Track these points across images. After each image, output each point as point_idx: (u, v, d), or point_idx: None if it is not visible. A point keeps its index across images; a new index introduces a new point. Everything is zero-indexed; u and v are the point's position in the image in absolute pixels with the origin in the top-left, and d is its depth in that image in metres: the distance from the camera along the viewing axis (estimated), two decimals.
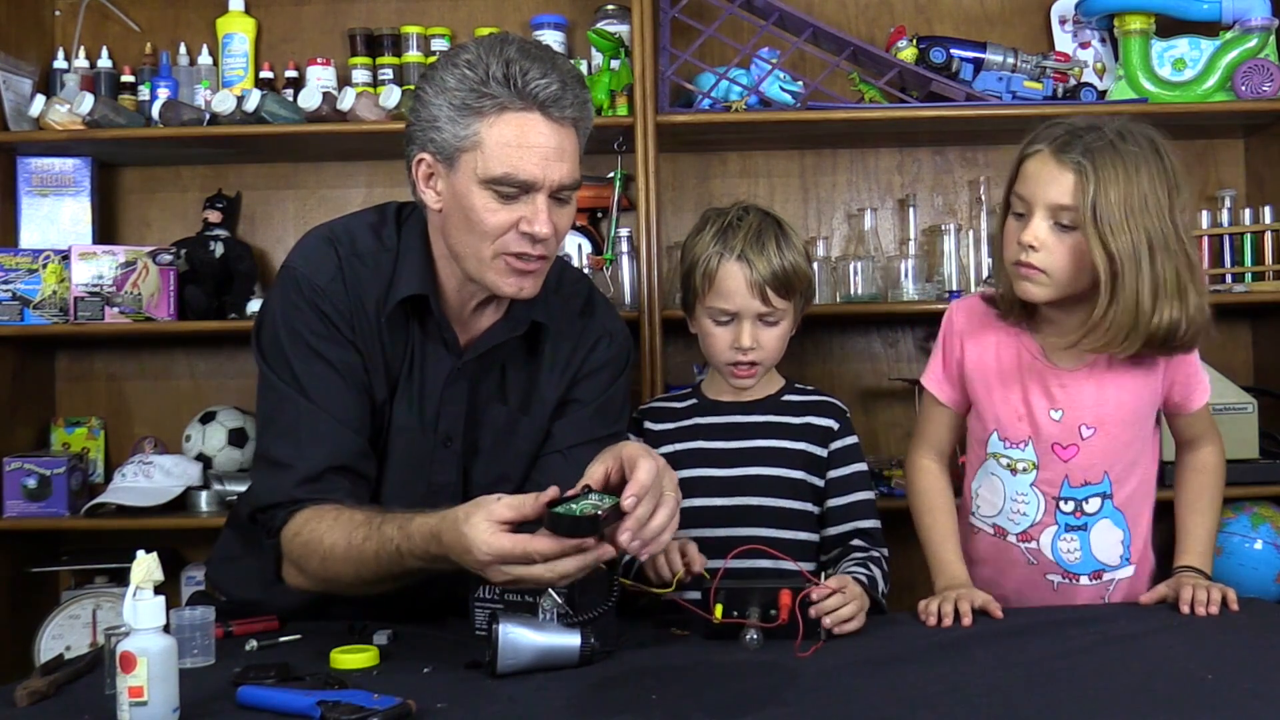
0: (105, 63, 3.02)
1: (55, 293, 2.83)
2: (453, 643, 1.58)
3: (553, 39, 2.94)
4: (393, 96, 2.82)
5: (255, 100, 2.79)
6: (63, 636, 2.81)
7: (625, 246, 2.88)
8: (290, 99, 2.88)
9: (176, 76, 3.00)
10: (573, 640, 1.47)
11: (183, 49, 3.06)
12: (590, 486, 1.47)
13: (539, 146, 1.64)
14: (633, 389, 1.98)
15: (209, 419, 2.94)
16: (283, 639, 1.65)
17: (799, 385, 2.08)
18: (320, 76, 2.97)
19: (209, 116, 2.84)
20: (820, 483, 2.00)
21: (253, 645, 1.61)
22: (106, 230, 3.07)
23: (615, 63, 2.83)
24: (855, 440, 2.03)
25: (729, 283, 1.94)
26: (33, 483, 2.78)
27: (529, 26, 2.98)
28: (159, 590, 1.28)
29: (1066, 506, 1.87)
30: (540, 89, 1.64)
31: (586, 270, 2.66)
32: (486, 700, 1.36)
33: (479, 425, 1.82)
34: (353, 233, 1.80)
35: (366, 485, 1.75)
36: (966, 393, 1.95)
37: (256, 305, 2.83)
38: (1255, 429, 2.72)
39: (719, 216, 2.00)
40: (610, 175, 2.92)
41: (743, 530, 1.91)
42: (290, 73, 3.01)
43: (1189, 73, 2.87)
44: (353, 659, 1.49)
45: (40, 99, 2.84)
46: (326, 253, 1.77)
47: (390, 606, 1.69)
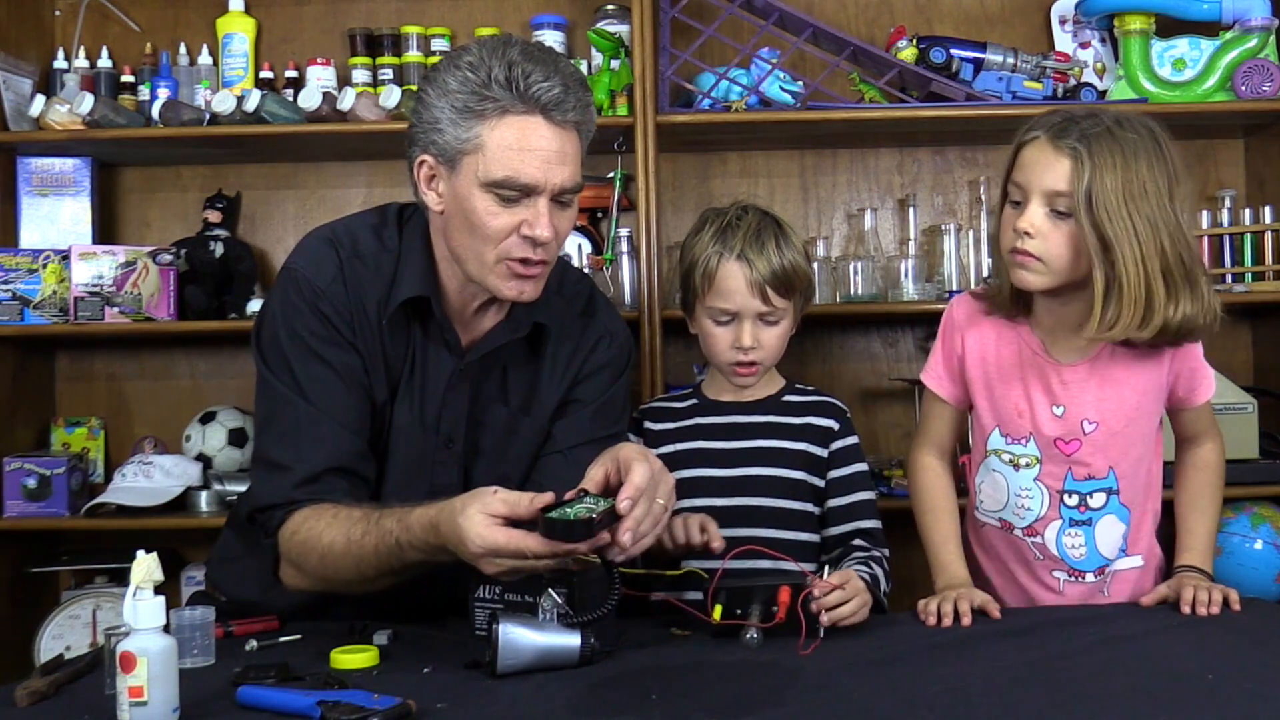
0: (105, 63, 3.02)
1: (55, 293, 2.83)
2: (453, 643, 1.58)
3: (553, 39, 2.94)
4: (393, 96, 2.81)
5: (255, 100, 2.79)
6: (63, 636, 2.81)
7: (625, 246, 2.88)
8: (290, 99, 2.88)
9: (176, 76, 3.00)
10: (573, 640, 1.47)
11: (183, 49, 3.06)
12: (587, 490, 1.48)
13: (540, 150, 1.64)
14: (633, 389, 1.98)
15: (209, 419, 2.94)
16: (283, 639, 1.65)
17: (799, 385, 2.08)
18: (320, 76, 2.97)
19: (209, 116, 2.83)
20: (821, 483, 1.99)
21: (253, 645, 1.61)
22: (106, 230, 3.07)
23: (615, 63, 2.82)
24: (856, 440, 2.03)
25: (729, 282, 1.94)
26: (33, 483, 2.78)
27: (529, 26, 2.98)
28: (159, 590, 1.28)
29: (1071, 501, 1.86)
30: (542, 92, 1.63)
31: (587, 270, 2.66)
32: (486, 700, 1.36)
33: (480, 426, 1.82)
34: (354, 234, 1.80)
35: (366, 487, 1.75)
36: (967, 388, 1.94)
37: (256, 305, 2.83)
38: (1255, 429, 2.72)
39: (718, 216, 2.00)
40: (610, 175, 2.92)
41: (743, 530, 1.91)
42: (290, 73, 3.01)
43: (1189, 73, 2.87)
44: (353, 659, 1.49)
45: (40, 99, 2.84)
46: (327, 254, 1.76)
47: (390, 606, 1.69)
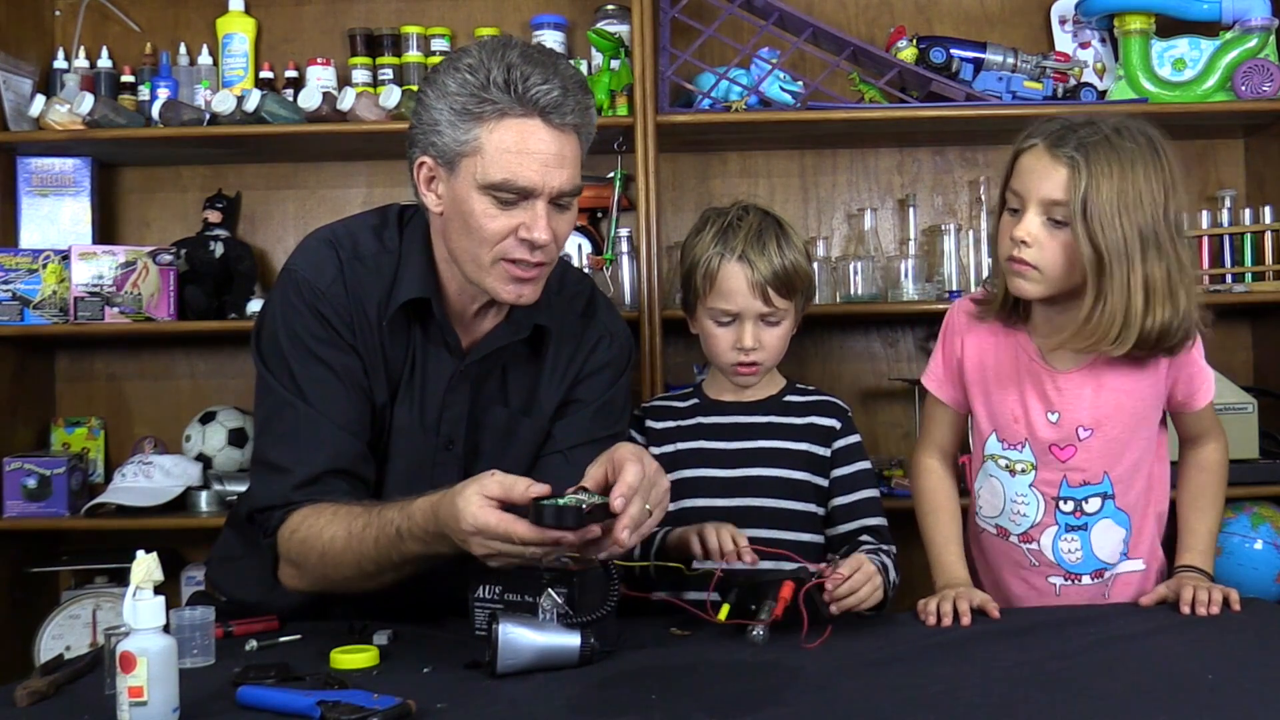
0: (105, 63, 3.02)
1: (55, 293, 2.83)
2: (453, 643, 1.57)
3: (553, 39, 2.94)
4: (393, 96, 2.82)
5: (255, 100, 2.79)
6: (63, 636, 2.81)
7: (625, 246, 2.89)
8: (290, 99, 2.88)
9: (176, 76, 3.00)
10: (573, 640, 1.47)
11: (183, 49, 3.06)
12: (586, 488, 1.49)
13: (539, 153, 1.64)
14: (633, 389, 1.98)
15: (209, 419, 2.95)
16: (283, 639, 1.65)
17: (800, 385, 2.08)
18: (320, 76, 2.97)
19: (209, 116, 2.83)
20: (823, 483, 1.99)
21: (253, 645, 1.61)
22: (106, 230, 3.07)
23: (615, 63, 2.82)
24: (858, 439, 2.03)
25: (730, 283, 1.94)
26: (33, 483, 2.78)
27: (529, 27, 2.98)
28: (159, 590, 1.28)
29: (1066, 507, 1.87)
30: (541, 95, 1.63)
31: (587, 270, 2.66)
32: (486, 700, 1.36)
33: (480, 428, 1.82)
34: (354, 235, 1.79)
35: (365, 489, 1.75)
36: (966, 392, 1.94)
37: (256, 305, 2.83)
38: (1255, 429, 2.72)
39: (719, 217, 1.99)
40: (610, 175, 2.92)
41: (745, 531, 1.90)
42: (290, 73, 3.01)
43: (1189, 73, 2.87)
44: (353, 659, 1.49)
45: (40, 99, 2.84)
46: (328, 255, 1.76)
47: (390, 606, 1.69)
